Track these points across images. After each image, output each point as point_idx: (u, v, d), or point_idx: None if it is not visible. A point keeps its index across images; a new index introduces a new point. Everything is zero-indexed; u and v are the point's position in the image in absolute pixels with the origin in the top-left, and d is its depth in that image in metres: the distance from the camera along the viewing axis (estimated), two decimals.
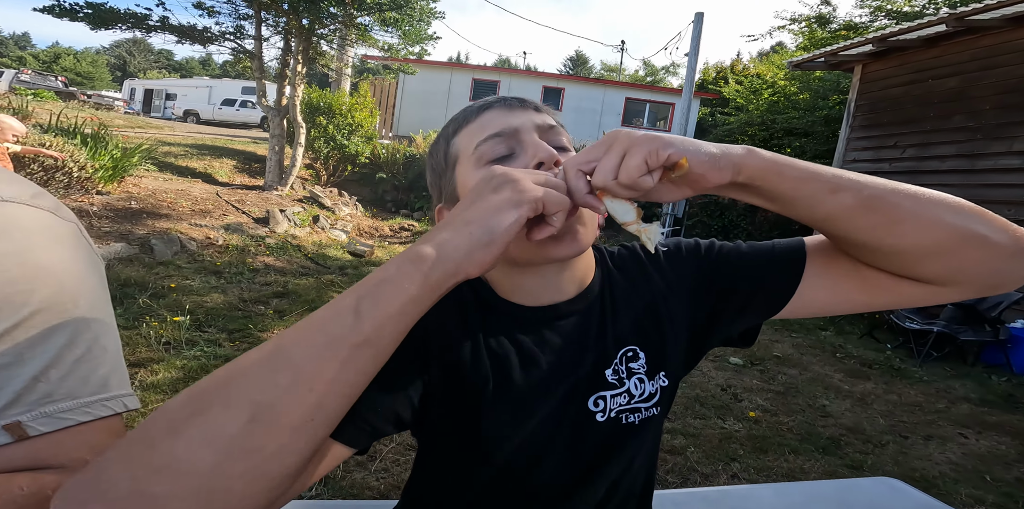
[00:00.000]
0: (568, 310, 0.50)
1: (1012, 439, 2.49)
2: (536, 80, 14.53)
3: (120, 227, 3.88)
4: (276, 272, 4.15)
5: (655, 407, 0.51)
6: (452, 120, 0.51)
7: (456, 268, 0.33)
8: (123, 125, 9.70)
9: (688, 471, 1.97)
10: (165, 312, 2.88)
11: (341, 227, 6.21)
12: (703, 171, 0.37)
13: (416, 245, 0.34)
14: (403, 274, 0.33)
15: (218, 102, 17.95)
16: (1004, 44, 4.15)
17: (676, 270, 0.54)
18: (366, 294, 0.32)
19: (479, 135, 0.47)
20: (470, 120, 0.49)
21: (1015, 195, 4.05)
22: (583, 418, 0.49)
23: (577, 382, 0.49)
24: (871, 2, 8.62)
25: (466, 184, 0.47)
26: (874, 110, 5.46)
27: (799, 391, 2.87)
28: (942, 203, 0.39)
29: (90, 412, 0.40)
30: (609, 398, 0.49)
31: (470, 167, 0.47)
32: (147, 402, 2.06)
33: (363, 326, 0.31)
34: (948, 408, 2.83)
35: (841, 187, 0.39)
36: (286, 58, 6.43)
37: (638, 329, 0.51)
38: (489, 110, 0.48)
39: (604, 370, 0.49)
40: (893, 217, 0.39)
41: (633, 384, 0.50)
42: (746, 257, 0.52)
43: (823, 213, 0.40)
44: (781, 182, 0.39)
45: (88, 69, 36.53)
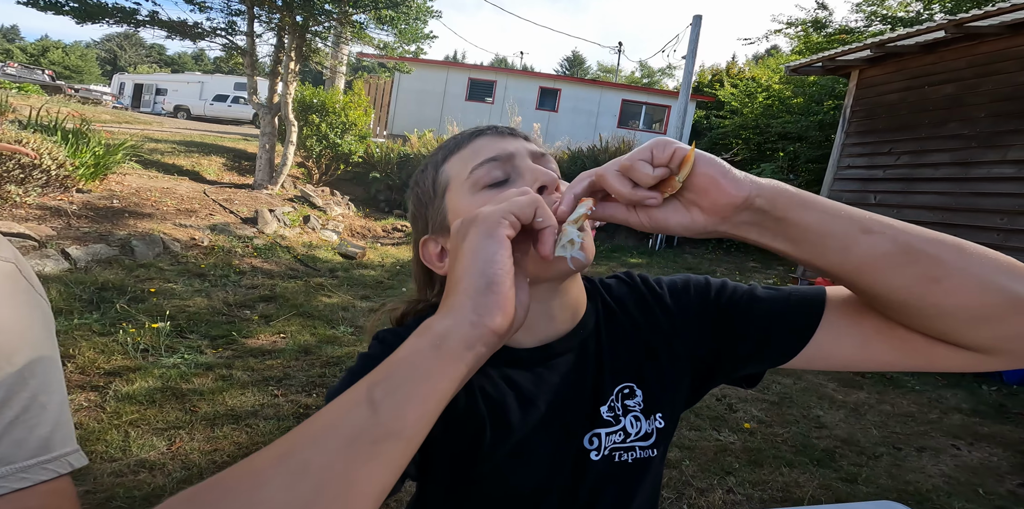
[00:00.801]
0: (563, 348, 0.49)
1: (1004, 450, 2.48)
2: (533, 80, 14.48)
3: (100, 227, 3.76)
4: (263, 274, 4.05)
5: (651, 449, 0.49)
6: (441, 147, 0.50)
7: (471, 328, 0.29)
8: (110, 120, 9.54)
9: (683, 486, 1.95)
10: (144, 317, 2.79)
11: (332, 228, 6.11)
12: (714, 174, 0.35)
13: (423, 323, 0.31)
14: (415, 352, 0.30)
15: (210, 98, 17.82)
16: (1002, 51, 4.15)
17: (682, 310, 0.52)
18: (379, 381, 0.29)
19: (473, 160, 0.46)
20: (462, 146, 0.48)
21: (1008, 204, 4.05)
22: (579, 457, 0.47)
23: (573, 420, 0.48)
24: (867, 7, 8.66)
25: (458, 211, 0.46)
26: (869, 116, 5.46)
27: (793, 401, 2.85)
28: (992, 261, 0.35)
29: (28, 477, 0.38)
30: (604, 436, 0.48)
31: (463, 193, 0.46)
32: (121, 413, 1.98)
33: (380, 417, 0.27)
34: (940, 418, 2.83)
35: (874, 229, 0.36)
36: (279, 55, 6.33)
37: (636, 367, 0.50)
38: (481, 137, 0.48)
39: (600, 407, 0.48)
40: (936, 272, 0.34)
41: (629, 422, 0.49)
42: (758, 304, 0.49)
43: (856, 260, 0.36)
44: (807, 214, 0.35)
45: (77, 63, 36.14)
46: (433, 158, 0.50)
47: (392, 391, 0.28)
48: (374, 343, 0.48)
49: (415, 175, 0.52)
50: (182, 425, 1.97)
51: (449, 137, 0.51)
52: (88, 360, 2.29)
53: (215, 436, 1.94)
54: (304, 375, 2.52)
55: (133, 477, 1.66)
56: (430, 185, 0.49)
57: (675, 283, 0.54)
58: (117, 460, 1.73)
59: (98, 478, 1.63)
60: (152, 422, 1.96)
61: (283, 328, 3.05)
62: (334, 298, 3.81)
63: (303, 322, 3.20)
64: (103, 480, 1.62)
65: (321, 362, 2.69)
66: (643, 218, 0.38)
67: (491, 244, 0.31)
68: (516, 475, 0.46)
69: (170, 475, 1.70)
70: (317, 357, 2.74)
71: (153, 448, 1.82)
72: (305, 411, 2.21)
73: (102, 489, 1.58)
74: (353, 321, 3.36)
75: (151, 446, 1.82)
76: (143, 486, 1.62)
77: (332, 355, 2.77)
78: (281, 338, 2.93)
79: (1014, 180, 4.03)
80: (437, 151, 0.50)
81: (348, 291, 4.04)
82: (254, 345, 2.77)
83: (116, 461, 1.73)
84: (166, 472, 1.71)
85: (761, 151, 10.89)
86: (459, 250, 0.33)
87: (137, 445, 1.81)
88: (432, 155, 0.51)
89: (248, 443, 1.94)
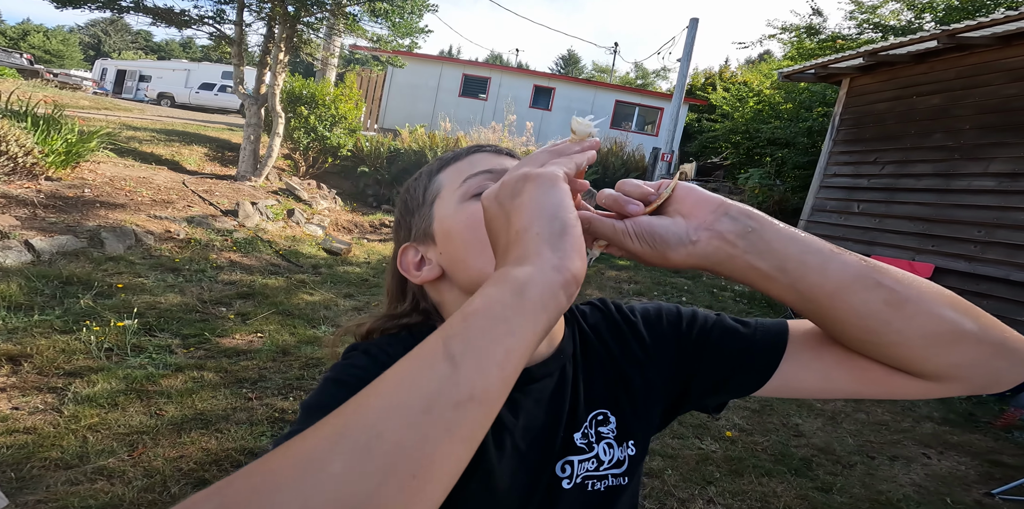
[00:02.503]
0: (541, 373, 0.48)
1: (971, 459, 2.53)
2: (527, 78, 14.39)
3: (67, 218, 3.59)
4: (242, 270, 3.93)
5: (623, 477, 0.49)
6: (438, 159, 0.51)
7: (556, 272, 0.27)
8: (88, 106, 9.23)
9: (665, 496, 1.96)
10: (110, 314, 2.66)
11: (318, 222, 5.97)
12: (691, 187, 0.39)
13: (498, 273, 0.28)
14: (495, 302, 0.26)
15: (196, 86, 17.43)
16: (990, 63, 4.19)
17: (655, 339, 0.53)
18: (454, 334, 0.25)
19: (468, 171, 0.47)
20: (459, 158, 0.49)
21: (986, 217, 4.10)
22: (551, 486, 0.47)
23: (547, 447, 0.47)
24: (860, 15, 8.74)
25: (444, 219, 0.47)
26: (857, 125, 5.50)
27: (774, 409, 2.86)
28: (938, 292, 0.38)
29: None
30: (576, 463, 0.48)
31: (452, 201, 0.46)
32: (79, 417, 1.88)
33: (462, 376, 0.23)
34: (913, 427, 2.87)
35: (838, 249, 0.38)
36: (268, 45, 6.18)
37: (611, 394, 0.50)
38: (480, 152, 0.49)
39: (573, 433, 0.48)
40: (897, 297, 0.36)
41: (602, 449, 0.49)
42: (727, 336, 0.51)
43: (835, 280, 0.36)
44: (789, 243, 0.37)
45: (58, 47, 35.18)
46: (429, 168, 0.51)
47: (474, 346, 0.24)
48: (357, 354, 0.45)
49: (408, 183, 0.53)
50: (146, 430, 1.87)
51: (448, 151, 0.53)
52: (47, 360, 2.18)
53: (182, 442, 1.85)
54: (281, 377, 2.43)
55: (90, 485, 1.57)
56: (420, 193, 0.50)
57: (648, 312, 0.55)
58: (73, 467, 1.64)
59: (51, 487, 1.54)
60: (113, 427, 1.86)
61: (260, 327, 2.95)
62: (316, 296, 3.70)
63: (282, 321, 3.10)
64: (56, 489, 1.53)
65: (300, 363, 2.59)
66: (630, 225, 0.38)
67: (557, 192, 0.31)
68: (485, 506, 0.44)
69: (130, 483, 1.61)
70: (296, 358, 2.64)
71: (113, 454, 1.72)
72: (280, 415, 2.12)
73: (54, 498, 1.49)
74: (335, 320, 3.27)
75: (111, 452, 1.73)
76: (100, 495, 1.54)
77: (312, 356, 2.68)
78: (258, 338, 2.83)
79: (994, 193, 4.08)
80: (434, 162, 0.51)
81: (331, 289, 3.94)
82: (228, 345, 2.67)
83: (72, 468, 1.64)
84: (126, 480, 1.63)
85: (750, 156, 10.98)
86: (518, 203, 0.31)
87: (95, 451, 1.72)
88: (428, 166, 0.52)
89: (217, 449, 1.85)
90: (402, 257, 0.49)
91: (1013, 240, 3.93)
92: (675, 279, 6.33)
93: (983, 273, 4.09)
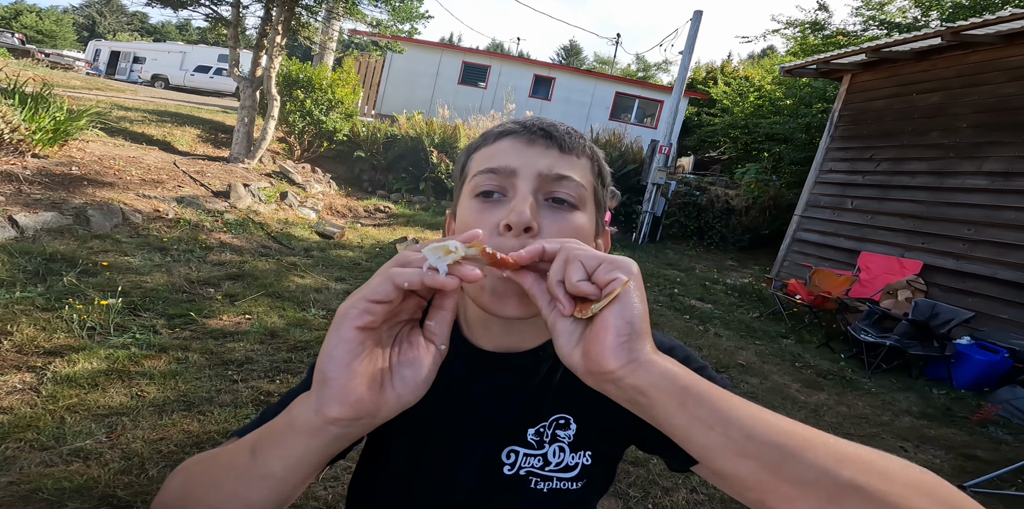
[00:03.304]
0: (515, 363, 0.50)
1: (947, 453, 2.56)
2: (528, 67, 14.21)
3: (53, 195, 3.51)
4: (232, 251, 3.87)
5: (572, 482, 0.49)
6: (481, 135, 0.50)
7: (314, 415, 0.33)
8: (80, 86, 9.03)
9: (650, 484, 1.98)
10: (94, 293, 2.61)
11: (311, 205, 5.90)
12: (612, 331, 0.32)
13: (298, 398, 0.36)
14: (281, 423, 0.36)
15: (191, 68, 17.14)
16: (992, 62, 4.16)
17: None
18: (259, 437, 0.37)
19: (481, 164, 0.46)
20: (487, 143, 0.48)
21: (977, 215, 4.12)
22: (492, 466, 0.48)
23: (496, 430, 0.49)
24: (866, 11, 8.65)
25: (460, 205, 0.47)
26: (855, 121, 5.48)
27: (759, 400, 2.88)
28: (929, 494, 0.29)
29: None
30: (522, 455, 0.48)
31: (467, 192, 0.46)
32: (58, 397, 1.84)
33: (257, 463, 0.36)
34: (892, 421, 2.90)
35: (749, 452, 0.30)
36: (265, 28, 6.03)
37: (581, 404, 0.50)
38: (506, 138, 0.46)
39: (527, 428, 0.49)
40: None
41: (553, 451, 0.49)
42: None
43: (701, 456, 0.32)
44: (679, 411, 0.31)
45: (51, 27, 34.55)
46: (472, 143, 0.50)
47: (264, 448, 0.36)
48: None
49: (462, 150, 0.52)
50: (126, 411, 1.84)
51: (496, 124, 0.51)
52: (27, 338, 2.13)
53: (162, 424, 1.82)
54: (268, 360, 2.39)
55: (64, 467, 1.54)
56: (459, 169, 0.50)
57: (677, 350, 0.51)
58: (48, 449, 1.61)
59: (24, 468, 1.51)
60: (92, 407, 1.83)
61: (249, 308, 2.91)
62: (307, 279, 3.66)
63: (271, 303, 3.06)
64: (29, 470, 1.50)
65: (288, 346, 2.56)
66: (546, 309, 0.36)
67: (332, 338, 0.32)
68: (427, 464, 0.48)
69: (107, 465, 1.58)
70: (284, 341, 2.61)
71: (91, 436, 1.69)
72: (266, 399, 2.09)
73: (26, 480, 1.46)
74: (326, 304, 3.23)
75: (88, 433, 1.70)
76: (75, 477, 1.51)
77: (300, 339, 2.65)
78: (246, 319, 2.79)
79: (986, 192, 4.10)
80: (479, 137, 0.50)
81: (323, 272, 3.89)
82: (215, 326, 2.62)
83: (47, 450, 1.61)
84: (103, 462, 1.60)
85: (748, 151, 10.95)
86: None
87: (73, 432, 1.69)
88: (475, 139, 0.51)
89: (199, 431, 1.82)
90: (448, 220, 0.52)
91: (1002, 238, 3.95)
92: (668, 271, 6.33)
93: (970, 271, 4.12)
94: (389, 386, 0.34)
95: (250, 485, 0.36)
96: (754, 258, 8.25)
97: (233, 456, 0.38)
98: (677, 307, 4.76)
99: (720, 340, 4.00)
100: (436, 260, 0.32)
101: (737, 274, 7.00)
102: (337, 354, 0.32)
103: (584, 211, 0.45)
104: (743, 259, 8.14)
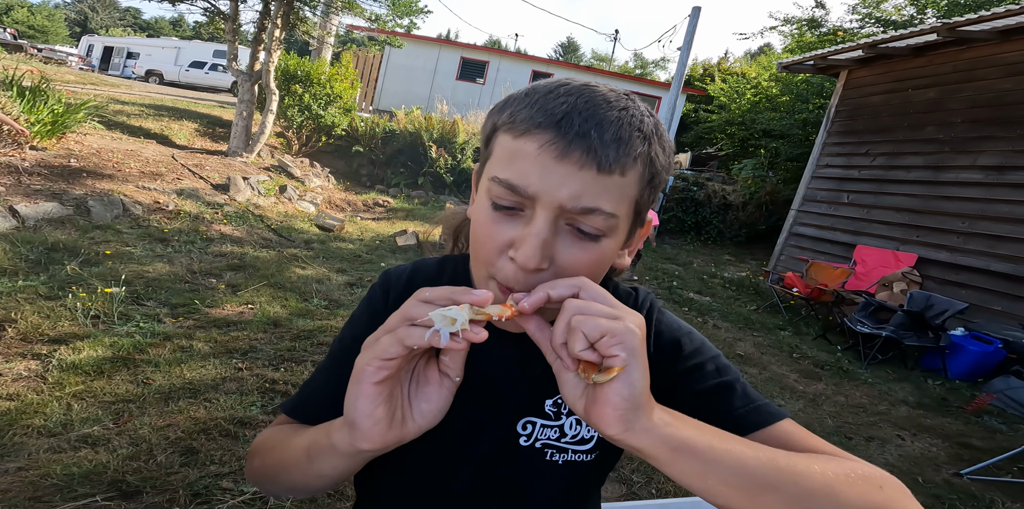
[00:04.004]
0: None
1: (943, 441, 2.61)
2: (526, 63, 14.19)
3: (54, 186, 3.49)
4: (233, 242, 3.87)
5: (587, 454, 0.49)
6: (511, 104, 0.40)
7: (348, 446, 0.39)
8: (74, 81, 8.93)
9: (652, 470, 2.01)
10: (96, 282, 2.60)
11: (310, 199, 5.89)
12: (616, 401, 0.34)
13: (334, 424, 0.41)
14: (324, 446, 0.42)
15: (186, 63, 16.97)
16: (987, 57, 4.20)
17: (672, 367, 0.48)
18: (311, 449, 0.43)
19: (504, 163, 0.38)
20: (514, 129, 0.38)
21: (970, 208, 4.17)
22: (508, 437, 0.48)
23: (513, 400, 0.48)
24: (863, 9, 8.69)
25: (478, 202, 0.43)
26: (852, 117, 5.52)
27: (759, 390, 2.87)
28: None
29: None
30: (539, 426, 0.48)
31: (483, 184, 0.41)
32: (64, 384, 1.85)
33: (313, 467, 0.43)
34: (889, 410, 2.95)
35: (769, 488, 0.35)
36: (263, 22, 5.99)
37: None
38: (535, 137, 0.36)
39: (545, 399, 0.48)
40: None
41: (569, 423, 0.48)
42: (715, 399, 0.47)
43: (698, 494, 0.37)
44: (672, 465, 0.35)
45: (43, 23, 34.25)
46: (499, 111, 0.41)
47: (316, 457, 0.42)
48: (375, 289, 0.53)
49: (492, 110, 0.44)
50: (132, 398, 1.85)
51: (528, 91, 0.40)
52: (31, 325, 2.13)
53: (169, 410, 1.83)
54: (272, 348, 2.40)
55: (73, 453, 1.55)
56: (485, 136, 0.43)
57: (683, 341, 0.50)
58: (56, 435, 1.62)
59: (32, 454, 1.51)
60: (99, 394, 1.83)
61: (251, 298, 2.91)
62: (308, 270, 3.66)
63: (273, 293, 3.06)
64: (38, 456, 1.51)
65: (291, 335, 2.57)
66: (550, 355, 0.38)
67: (353, 391, 0.37)
68: (443, 432, 0.46)
69: (115, 452, 1.59)
70: (287, 330, 2.62)
71: (98, 422, 1.70)
72: (271, 386, 2.10)
73: (36, 466, 1.47)
74: (328, 294, 3.24)
75: (96, 420, 1.70)
76: (83, 463, 1.51)
77: (304, 328, 2.66)
78: (249, 309, 2.80)
79: (980, 185, 4.14)
80: (507, 104, 0.40)
81: (324, 263, 3.90)
82: (218, 315, 2.63)
83: (55, 436, 1.61)
84: (111, 448, 1.60)
85: (744, 147, 10.99)
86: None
87: (80, 419, 1.69)
88: (507, 101, 0.41)
89: (206, 418, 1.83)
90: (475, 178, 0.48)
91: (994, 231, 4.00)
92: (666, 265, 6.37)
93: (964, 263, 4.17)
94: (410, 419, 0.39)
95: (310, 479, 0.44)
96: (751, 253, 8.30)
97: (295, 456, 0.44)
98: (676, 300, 4.80)
99: (719, 332, 4.03)
100: (443, 327, 0.34)
101: (734, 268, 7.04)
102: (360, 405, 0.37)
103: (611, 237, 0.39)
104: (740, 254, 8.19)
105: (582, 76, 10.72)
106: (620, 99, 0.38)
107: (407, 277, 0.51)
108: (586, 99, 0.37)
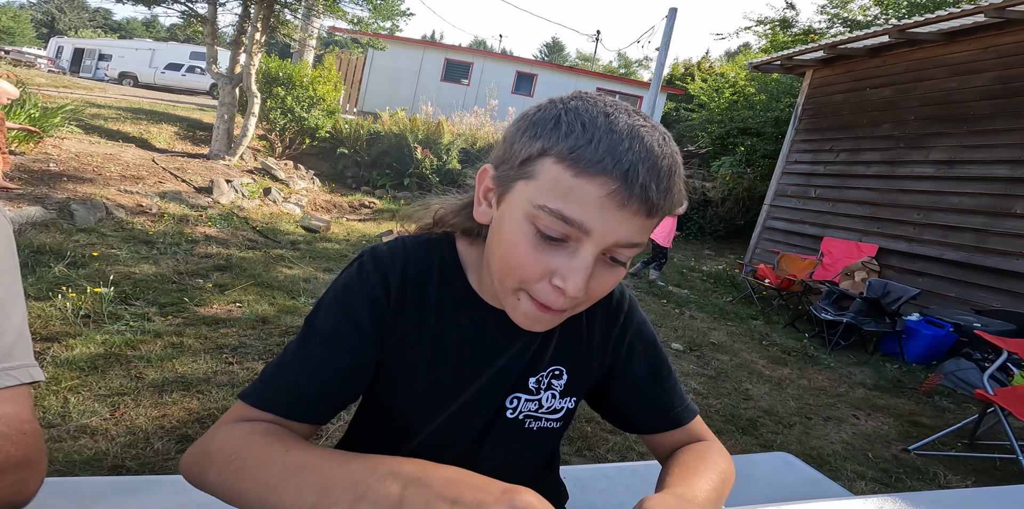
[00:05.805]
0: None
1: (894, 420, 2.77)
2: (510, 64, 14.30)
3: (35, 190, 3.51)
4: (218, 244, 3.91)
5: (556, 422, 0.57)
6: (563, 127, 0.39)
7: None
8: (45, 84, 8.77)
9: (626, 450, 2.08)
10: (85, 282, 2.65)
11: (295, 201, 5.93)
12: None
13: (386, 477, 0.34)
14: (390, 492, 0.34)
15: (161, 66, 16.62)
16: (934, 58, 4.45)
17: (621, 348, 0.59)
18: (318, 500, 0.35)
19: (553, 193, 0.38)
20: (576, 166, 0.37)
21: (924, 201, 4.42)
22: (497, 413, 0.53)
23: (503, 378, 0.53)
24: (830, 9, 9.02)
25: (507, 215, 0.42)
26: (817, 115, 5.76)
27: (728, 376, 3.07)
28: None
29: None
30: (523, 400, 0.54)
31: (520, 204, 0.40)
32: (59, 379, 1.91)
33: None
34: (847, 392, 3.11)
35: None
36: (243, 25, 5.98)
37: (574, 358, 0.56)
38: (598, 182, 0.37)
39: (529, 377, 0.54)
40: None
41: (547, 397, 0.55)
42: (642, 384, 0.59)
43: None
44: None
45: (9, 24, 33.09)
46: (551, 137, 0.39)
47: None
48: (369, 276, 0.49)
49: (530, 113, 0.43)
50: (127, 392, 1.92)
51: (585, 123, 0.38)
52: None
53: (163, 402, 1.91)
54: (261, 344, 2.48)
55: (73, 442, 1.62)
56: (522, 151, 0.41)
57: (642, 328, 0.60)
58: (56, 426, 1.69)
59: None
60: (94, 388, 1.90)
61: (239, 297, 2.98)
62: (295, 269, 3.73)
63: (261, 292, 3.14)
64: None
65: (280, 331, 2.65)
66: None
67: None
68: (439, 413, 0.51)
69: (114, 440, 1.67)
70: (275, 326, 2.70)
71: (95, 414, 1.77)
72: None
73: None
74: (315, 292, 3.32)
75: (93, 412, 1.78)
76: (84, 451, 1.59)
77: (291, 325, 2.74)
78: (237, 307, 2.87)
79: (932, 179, 4.39)
80: (566, 134, 0.38)
81: (310, 263, 3.97)
82: (207, 313, 2.70)
83: (55, 427, 1.68)
84: (109, 437, 1.68)
85: (723, 145, 11.26)
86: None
87: (78, 411, 1.76)
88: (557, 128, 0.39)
89: (200, 409, 1.91)
90: (482, 174, 0.46)
91: (947, 222, 4.25)
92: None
93: (920, 253, 4.42)
94: None
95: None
96: (730, 247, 8.55)
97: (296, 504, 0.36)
98: (655, 293, 4.97)
99: (695, 322, 4.21)
100: None
101: (713, 262, 7.26)
102: None
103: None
104: (719, 248, 8.43)
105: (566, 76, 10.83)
106: (664, 144, 0.40)
107: (400, 266, 0.50)
108: (646, 146, 0.38)
